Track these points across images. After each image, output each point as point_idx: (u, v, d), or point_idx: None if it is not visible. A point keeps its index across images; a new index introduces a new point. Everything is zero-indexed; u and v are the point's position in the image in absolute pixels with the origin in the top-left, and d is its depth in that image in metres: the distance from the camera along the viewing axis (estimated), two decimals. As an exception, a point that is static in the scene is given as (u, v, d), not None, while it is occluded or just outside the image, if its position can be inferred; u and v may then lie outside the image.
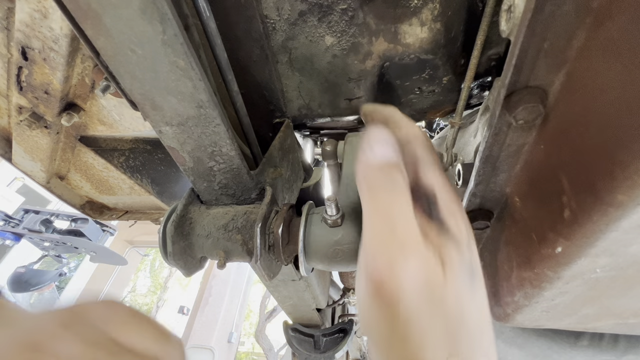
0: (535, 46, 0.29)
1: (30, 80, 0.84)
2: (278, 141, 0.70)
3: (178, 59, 0.38)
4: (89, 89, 0.90)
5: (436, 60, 0.66)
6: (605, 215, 0.27)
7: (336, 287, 1.33)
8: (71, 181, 1.24)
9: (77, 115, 0.93)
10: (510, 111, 0.32)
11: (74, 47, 0.78)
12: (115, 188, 1.27)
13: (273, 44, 0.64)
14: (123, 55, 0.38)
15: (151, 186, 1.20)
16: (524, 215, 0.39)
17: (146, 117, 0.46)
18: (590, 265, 0.33)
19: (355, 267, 0.57)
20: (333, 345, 1.12)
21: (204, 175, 0.54)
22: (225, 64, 0.51)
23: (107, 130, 1.03)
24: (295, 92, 0.74)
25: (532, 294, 0.40)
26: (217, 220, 0.54)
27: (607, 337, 0.77)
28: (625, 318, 0.44)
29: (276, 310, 5.63)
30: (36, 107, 0.91)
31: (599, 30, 0.27)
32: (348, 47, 0.64)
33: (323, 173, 1.02)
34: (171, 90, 0.42)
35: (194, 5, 0.44)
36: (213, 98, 0.44)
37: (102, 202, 1.39)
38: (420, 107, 0.82)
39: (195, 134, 0.47)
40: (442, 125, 1.79)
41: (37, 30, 0.73)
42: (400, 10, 0.58)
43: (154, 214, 1.50)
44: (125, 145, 1.09)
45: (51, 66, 0.80)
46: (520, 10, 0.30)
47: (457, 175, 0.50)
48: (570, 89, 0.30)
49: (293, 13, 0.59)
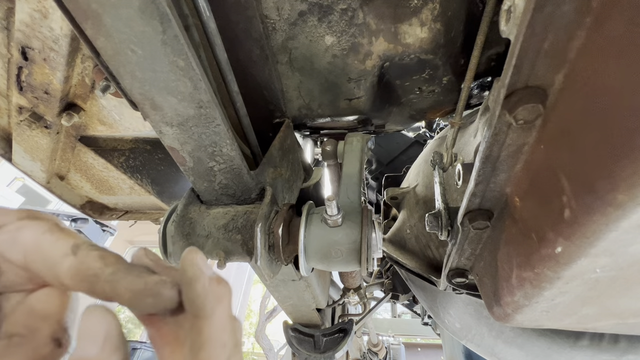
0: (535, 46, 0.29)
1: (30, 80, 0.84)
2: (278, 141, 0.70)
3: (178, 58, 0.38)
4: (89, 89, 0.90)
5: (436, 60, 0.66)
6: (605, 215, 0.27)
7: (336, 287, 1.33)
8: (71, 181, 1.24)
9: (77, 115, 0.93)
10: (510, 111, 0.32)
11: (74, 47, 0.78)
12: (115, 188, 1.27)
13: (273, 44, 0.64)
14: (123, 55, 0.38)
15: (151, 186, 1.20)
16: (524, 215, 0.39)
17: (146, 117, 0.46)
18: (590, 265, 0.33)
19: (355, 266, 0.58)
20: (333, 345, 1.12)
21: (204, 176, 0.54)
22: (225, 64, 0.51)
23: (107, 130, 1.03)
24: (295, 92, 0.74)
25: (532, 294, 0.40)
26: (217, 220, 0.54)
27: (607, 337, 0.78)
28: (625, 318, 0.44)
29: (276, 310, 5.63)
30: (36, 107, 0.91)
31: (599, 30, 0.27)
32: (348, 47, 0.64)
33: (323, 173, 1.02)
34: (171, 90, 0.42)
35: (194, 5, 0.44)
36: (213, 98, 0.44)
37: (102, 202, 1.39)
38: (420, 107, 0.82)
39: (195, 134, 0.48)
40: (442, 125, 1.79)
41: (37, 30, 0.73)
42: (400, 10, 0.58)
43: (154, 214, 1.50)
44: (125, 145, 1.09)
45: (51, 66, 0.80)
46: (520, 10, 0.30)
47: (457, 175, 0.50)
48: (570, 89, 0.30)
49: (293, 13, 0.59)
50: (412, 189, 0.93)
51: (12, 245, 0.27)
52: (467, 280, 0.58)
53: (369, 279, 1.87)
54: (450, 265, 0.58)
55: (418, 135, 1.89)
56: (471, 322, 0.92)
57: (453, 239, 0.54)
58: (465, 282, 0.58)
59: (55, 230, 0.28)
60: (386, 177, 1.31)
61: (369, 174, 1.86)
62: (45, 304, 0.28)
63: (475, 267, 0.55)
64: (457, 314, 0.94)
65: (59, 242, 0.27)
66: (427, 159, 0.91)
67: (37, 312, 0.28)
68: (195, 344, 0.26)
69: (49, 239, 0.27)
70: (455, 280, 0.58)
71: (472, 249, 0.52)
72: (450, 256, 0.56)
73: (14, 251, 0.27)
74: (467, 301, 0.89)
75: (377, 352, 2.59)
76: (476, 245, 0.51)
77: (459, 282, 0.58)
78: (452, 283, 0.60)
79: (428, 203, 0.84)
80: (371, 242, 0.54)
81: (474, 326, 0.92)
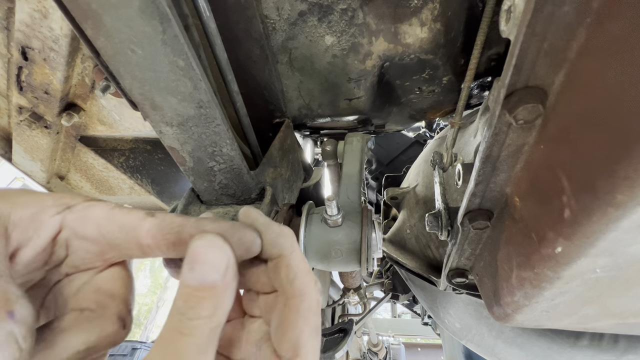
0: (535, 46, 0.29)
1: (30, 80, 0.84)
2: (278, 141, 0.70)
3: (178, 58, 0.38)
4: (89, 89, 0.90)
5: (436, 60, 0.66)
6: (605, 215, 0.27)
7: (336, 287, 1.34)
8: (71, 181, 1.24)
9: (77, 115, 0.93)
10: (510, 111, 0.32)
11: (74, 47, 0.78)
12: (115, 188, 1.27)
13: (273, 44, 0.64)
14: (123, 55, 0.38)
15: (151, 186, 1.20)
16: (524, 215, 0.39)
17: (146, 117, 0.46)
18: (590, 265, 0.33)
19: (355, 266, 0.58)
20: (333, 345, 1.12)
21: (204, 175, 0.54)
22: (225, 64, 0.51)
23: (107, 130, 1.03)
24: (295, 92, 0.74)
25: (532, 294, 0.40)
26: (217, 220, 0.54)
27: (607, 337, 0.78)
28: (625, 318, 0.44)
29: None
30: (36, 107, 0.91)
31: (599, 30, 0.26)
32: (348, 47, 0.64)
33: (323, 173, 1.02)
34: (171, 90, 0.42)
35: (194, 5, 0.44)
36: (213, 98, 0.44)
37: (102, 202, 1.39)
38: (420, 107, 0.82)
39: (195, 134, 0.48)
40: (442, 125, 1.79)
41: (37, 30, 0.73)
42: (400, 10, 0.58)
43: (154, 214, 1.50)
44: (125, 145, 1.09)
45: (51, 66, 0.80)
46: (520, 10, 0.30)
47: (457, 175, 0.50)
48: (570, 89, 0.30)
49: (293, 13, 0.59)
50: (412, 189, 0.93)
51: (84, 222, 0.27)
52: (467, 280, 0.58)
53: (369, 279, 1.87)
54: (450, 265, 0.58)
55: (418, 135, 1.89)
56: (471, 322, 0.92)
57: (453, 239, 0.54)
58: (465, 282, 0.58)
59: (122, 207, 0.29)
60: (386, 177, 1.31)
61: (369, 174, 1.87)
62: (113, 284, 0.29)
63: (475, 267, 0.55)
64: (457, 314, 0.95)
65: (131, 212, 0.28)
66: (427, 159, 0.91)
67: (105, 291, 0.28)
68: (288, 276, 0.27)
69: (119, 212, 0.28)
70: (455, 280, 0.58)
71: (472, 249, 0.52)
72: (450, 256, 0.56)
73: (87, 227, 0.27)
74: (467, 301, 0.89)
75: (377, 352, 2.59)
76: (476, 245, 0.51)
77: (459, 282, 0.58)
78: (452, 283, 0.60)
79: (428, 203, 0.84)
80: (371, 242, 0.54)
81: (474, 326, 0.92)
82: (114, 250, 0.28)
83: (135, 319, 3.87)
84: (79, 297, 0.28)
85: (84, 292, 0.28)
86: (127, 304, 0.29)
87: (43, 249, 0.27)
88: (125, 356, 4.36)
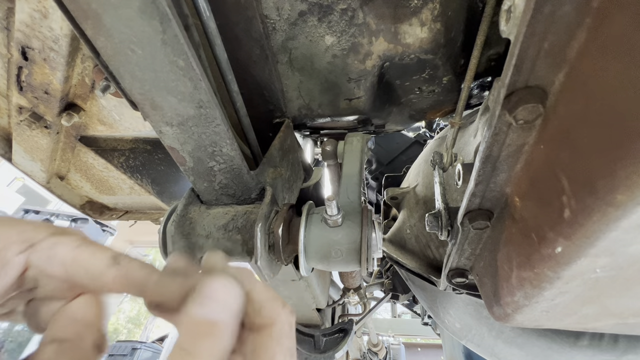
0: (535, 46, 0.29)
1: (30, 80, 0.84)
2: (278, 141, 0.70)
3: (178, 58, 0.38)
4: (89, 89, 0.90)
5: (436, 60, 0.66)
6: (605, 215, 0.27)
7: (336, 287, 1.33)
8: (71, 181, 1.24)
9: (77, 115, 0.93)
10: (510, 111, 0.32)
11: (74, 47, 0.78)
12: (115, 188, 1.27)
13: (273, 44, 0.64)
14: (123, 55, 0.38)
15: (151, 186, 1.20)
16: (524, 215, 0.39)
17: (146, 117, 0.46)
18: (590, 265, 0.33)
19: (355, 266, 0.58)
20: (333, 345, 1.12)
21: (204, 175, 0.54)
22: (225, 64, 0.51)
23: (107, 130, 1.03)
24: (295, 92, 0.74)
25: (532, 294, 0.40)
26: (217, 220, 0.54)
27: (607, 337, 0.78)
28: (625, 318, 0.44)
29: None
30: (36, 107, 0.91)
31: (599, 30, 0.26)
32: (348, 47, 0.64)
33: (323, 173, 1.02)
34: (171, 90, 0.42)
35: (194, 5, 0.44)
36: (213, 98, 0.44)
37: (102, 202, 1.39)
38: (420, 107, 0.82)
39: (195, 134, 0.48)
40: (442, 125, 1.79)
41: (37, 30, 0.73)
42: (400, 10, 0.58)
43: (154, 214, 1.51)
44: (125, 145, 1.09)
45: (51, 66, 0.80)
46: (520, 10, 0.30)
47: (457, 175, 0.50)
48: (570, 89, 0.30)
49: (293, 13, 0.59)
50: (412, 189, 0.93)
51: (50, 261, 0.28)
52: (467, 280, 0.58)
53: (369, 279, 1.87)
54: (450, 265, 0.58)
55: (418, 135, 1.89)
56: (471, 322, 0.92)
57: (453, 239, 0.54)
58: (465, 282, 0.58)
59: (88, 243, 0.30)
60: (386, 177, 1.31)
61: (369, 174, 1.86)
62: (86, 312, 0.30)
63: (475, 267, 0.55)
64: (457, 314, 0.95)
65: (97, 254, 0.29)
66: (427, 159, 0.91)
67: (80, 320, 0.29)
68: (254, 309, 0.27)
69: (85, 251, 0.29)
70: (455, 280, 0.58)
71: (472, 249, 0.52)
72: (450, 256, 0.56)
73: (54, 266, 0.28)
74: (467, 301, 0.89)
75: (377, 352, 2.60)
76: (476, 245, 0.51)
77: (459, 282, 0.58)
78: (452, 283, 0.60)
79: (428, 203, 0.84)
80: (371, 242, 0.54)
81: (474, 326, 0.92)
82: (82, 288, 0.30)
83: (135, 319, 3.83)
84: (58, 326, 0.29)
85: (61, 320, 0.29)
86: (101, 330, 0.30)
87: (10, 285, 0.28)
88: (125, 356, 4.37)
